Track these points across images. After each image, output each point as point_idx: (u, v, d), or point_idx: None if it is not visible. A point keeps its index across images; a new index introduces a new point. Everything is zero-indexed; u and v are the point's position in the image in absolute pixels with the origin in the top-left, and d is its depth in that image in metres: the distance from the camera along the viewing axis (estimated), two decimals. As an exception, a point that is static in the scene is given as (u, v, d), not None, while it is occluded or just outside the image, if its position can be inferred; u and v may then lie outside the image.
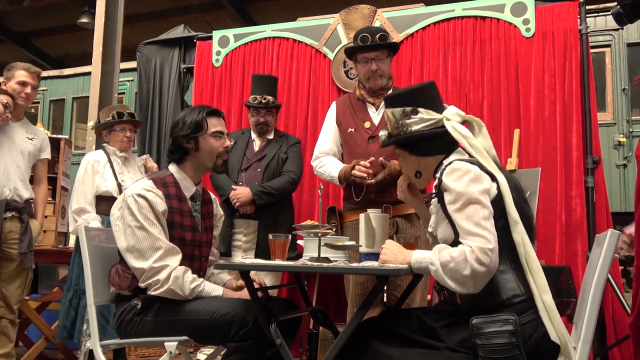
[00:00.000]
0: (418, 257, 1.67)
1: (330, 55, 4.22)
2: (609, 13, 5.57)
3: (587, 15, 3.72)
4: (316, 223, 1.92)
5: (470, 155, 1.76)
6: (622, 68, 5.62)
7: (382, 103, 2.75)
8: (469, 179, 1.63)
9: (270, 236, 2.03)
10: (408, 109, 1.82)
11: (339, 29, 4.23)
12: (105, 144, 3.49)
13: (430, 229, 1.86)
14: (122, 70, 5.26)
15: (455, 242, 1.64)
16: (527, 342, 1.52)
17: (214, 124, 2.17)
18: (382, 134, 1.93)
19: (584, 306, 1.55)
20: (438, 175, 1.75)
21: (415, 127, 1.81)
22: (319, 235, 1.88)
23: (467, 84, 3.88)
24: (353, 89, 2.96)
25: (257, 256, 3.27)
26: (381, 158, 2.57)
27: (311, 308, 2.20)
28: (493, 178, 1.68)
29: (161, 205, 2.04)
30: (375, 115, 2.78)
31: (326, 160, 2.85)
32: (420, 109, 1.81)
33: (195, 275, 2.06)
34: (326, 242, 1.88)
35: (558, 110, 3.64)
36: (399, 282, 2.65)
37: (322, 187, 2.15)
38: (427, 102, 1.83)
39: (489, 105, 3.80)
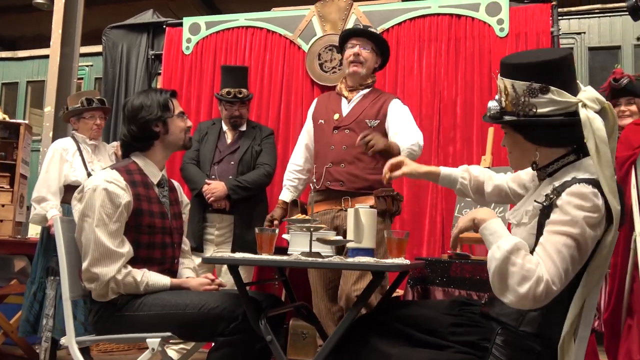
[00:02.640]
0: (493, 228, 1.41)
1: (305, 47, 4.16)
2: (573, 17, 5.68)
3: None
4: (307, 217, 1.88)
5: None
6: (584, 71, 5.77)
7: (354, 96, 2.82)
8: (589, 217, 1.36)
9: (257, 230, 1.97)
10: (536, 85, 1.44)
11: (314, 21, 4.18)
12: (74, 132, 3.33)
13: (510, 218, 1.62)
14: (81, 55, 5.04)
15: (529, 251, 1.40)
16: None
17: (176, 105, 2.18)
18: (493, 105, 1.55)
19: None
20: (558, 187, 1.43)
21: (542, 110, 1.45)
22: (311, 229, 1.84)
23: (441, 81, 3.90)
24: (338, 82, 2.99)
25: (233, 251, 3.19)
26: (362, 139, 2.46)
27: (296, 304, 2.16)
28: (609, 219, 1.40)
29: (124, 196, 1.95)
30: (346, 107, 2.83)
31: (285, 183, 2.98)
32: (551, 88, 1.43)
33: (137, 271, 1.95)
34: (318, 237, 1.85)
35: (529, 110, 3.70)
36: (346, 273, 2.61)
37: (314, 179, 2.11)
38: (561, 81, 1.44)
39: (463, 102, 3.84)
